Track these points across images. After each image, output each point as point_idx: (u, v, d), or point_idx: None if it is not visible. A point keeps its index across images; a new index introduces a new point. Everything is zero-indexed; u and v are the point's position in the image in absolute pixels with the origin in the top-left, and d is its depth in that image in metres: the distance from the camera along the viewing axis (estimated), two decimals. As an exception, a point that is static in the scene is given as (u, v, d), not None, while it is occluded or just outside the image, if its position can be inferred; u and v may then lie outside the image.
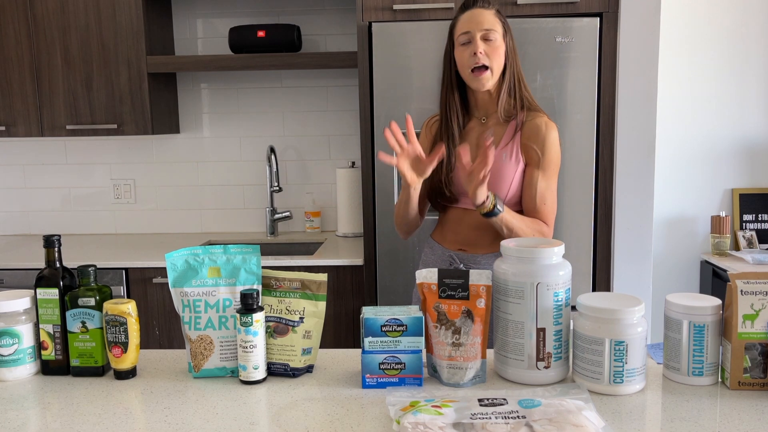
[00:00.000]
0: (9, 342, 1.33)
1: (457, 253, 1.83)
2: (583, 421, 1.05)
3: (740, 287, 1.22)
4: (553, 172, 1.77)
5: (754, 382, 1.23)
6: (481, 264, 1.80)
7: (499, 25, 1.73)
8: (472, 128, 1.82)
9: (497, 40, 1.72)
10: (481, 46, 1.70)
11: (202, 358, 1.33)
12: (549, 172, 1.76)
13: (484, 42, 1.71)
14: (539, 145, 1.74)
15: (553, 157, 1.76)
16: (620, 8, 2.46)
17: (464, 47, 1.73)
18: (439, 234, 1.89)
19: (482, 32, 1.71)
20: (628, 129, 2.51)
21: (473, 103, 1.82)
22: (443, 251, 1.86)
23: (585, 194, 2.53)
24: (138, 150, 3.32)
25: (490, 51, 1.71)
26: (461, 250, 1.83)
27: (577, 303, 1.26)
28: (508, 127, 1.78)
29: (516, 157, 1.75)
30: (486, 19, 1.72)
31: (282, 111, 3.27)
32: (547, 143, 1.75)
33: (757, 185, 3.20)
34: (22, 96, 2.95)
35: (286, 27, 2.95)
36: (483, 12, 1.73)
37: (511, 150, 1.75)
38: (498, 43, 1.72)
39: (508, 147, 1.75)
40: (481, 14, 1.73)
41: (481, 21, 1.72)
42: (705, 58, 3.13)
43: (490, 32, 1.71)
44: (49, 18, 2.90)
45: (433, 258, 1.89)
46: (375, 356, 1.26)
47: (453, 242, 1.84)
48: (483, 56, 1.70)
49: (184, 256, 1.35)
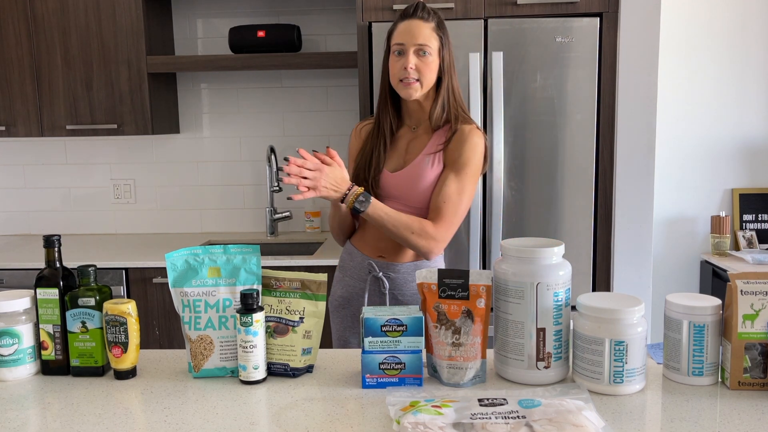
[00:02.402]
0: (9, 342, 1.33)
1: (376, 261, 1.81)
2: (583, 421, 1.05)
3: (740, 287, 1.22)
4: (467, 175, 1.74)
5: (754, 382, 1.23)
6: (400, 272, 1.81)
7: (435, 40, 1.72)
8: (402, 135, 1.82)
9: (431, 55, 1.71)
10: (412, 61, 1.69)
11: (202, 358, 1.33)
12: (462, 175, 1.73)
13: (416, 56, 1.70)
14: (458, 147, 1.74)
15: (471, 161, 1.73)
16: (620, 8, 2.46)
17: (397, 57, 1.73)
18: (360, 239, 1.87)
19: (415, 47, 1.70)
20: (628, 129, 2.51)
21: (405, 111, 1.82)
22: (362, 258, 1.84)
23: (585, 194, 2.53)
24: (138, 150, 3.32)
25: (421, 66, 1.70)
26: (381, 258, 1.82)
27: (577, 303, 1.26)
28: (435, 136, 1.78)
29: (439, 163, 1.76)
30: (422, 33, 1.70)
31: (282, 111, 3.27)
32: (467, 145, 1.73)
33: (757, 185, 3.20)
34: (22, 96, 2.95)
35: (286, 27, 2.95)
36: (421, 24, 1.71)
37: (434, 157, 1.76)
38: (431, 58, 1.71)
39: (432, 153, 1.76)
40: (418, 27, 1.71)
41: (416, 35, 1.70)
42: (705, 58, 3.13)
43: (424, 47, 1.70)
44: (49, 18, 2.90)
45: (352, 265, 1.87)
46: (375, 356, 1.26)
47: (373, 249, 1.83)
48: (413, 71, 1.70)
49: (184, 256, 1.35)
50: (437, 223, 1.72)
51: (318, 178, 1.57)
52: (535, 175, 2.53)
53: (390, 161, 1.81)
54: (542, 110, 2.49)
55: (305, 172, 1.56)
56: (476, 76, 2.45)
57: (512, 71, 2.48)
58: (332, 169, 1.60)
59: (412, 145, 1.81)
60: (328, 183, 1.59)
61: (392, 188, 1.78)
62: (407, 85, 1.71)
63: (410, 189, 1.76)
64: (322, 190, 1.59)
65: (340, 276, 1.91)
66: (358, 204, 1.65)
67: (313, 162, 1.58)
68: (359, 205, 1.65)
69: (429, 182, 1.75)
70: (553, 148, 2.51)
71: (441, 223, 1.72)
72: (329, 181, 1.59)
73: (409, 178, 1.76)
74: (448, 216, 1.72)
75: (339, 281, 1.91)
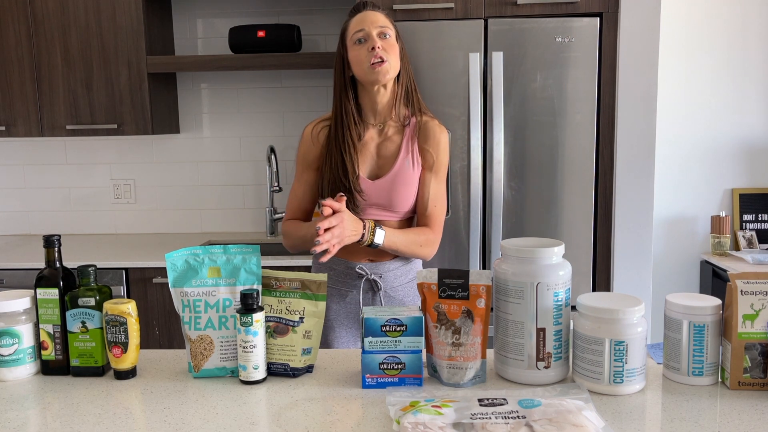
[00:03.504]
0: (9, 342, 1.33)
1: (366, 264, 1.81)
2: (583, 421, 1.05)
3: (740, 287, 1.22)
4: (443, 175, 1.81)
5: (754, 382, 1.23)
6: (390, 270, 1.81)
7: (392, 26, 1.73)
8: (370, 138, 1.78)
9: (392, 38, 1.71)
10: (378, 41, 1.68)
11: (202, 358, 1.33)
12: (440, 176, 1.79)
13: (380, 39, 1.69)
14: (434, 148, 1.77)
15: (444, 160, 1.80)
16: (620, 8, 2.46)
17: (360, 46, 1.70)
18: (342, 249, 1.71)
19: (378, 29, 1.70)
20: (628, 129, 2.51)
21: (369, 108, 1.77)
22: (346, 265, 1.80)
23: (585, 194, 2.53)
24: (138, 150, 3.32)
25: (387, 47, 1.69)
26: (370, 261, 1.81)
27: (577, 303, 1.26)
28: (405, 133, 1.77)
29: (417, 162, 1.77)
30: (379, 18, 1.72)
31: (282, 111, 3.27)
32: (441, 147, 1.78)
33: (757, 185, 3.20)
34: (22, 96, 2.95)
35: (286, 27, 2.95)
36: (375, 13, 1.73)
37: (412, 156, 1.76)
38: (393, 41, 1.71)
39: (410, 153, 1.76)
40: (374, 15, 1.73)
41: (375, 20, 1.71)
42: (705, 58, 3.13)
43: (385, 29, 1.71)
44: (49, 18, 2.90)
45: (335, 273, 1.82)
46: (375, 356, 1.26)
47: (360, 254, 1.79)
48: (381, 51, 1.67)
49: (184, 256, 1.35)
50: (433, 227, 1.79)
51: (342, 232, 1.59)
52: (535, 175, 2.53)
53: (362, 167, 1.76)
54: (542, 110, 2.49)
55: (334, 231, 1.57)
56: (476, 76, 2.45)
57: (512, 71, 2.48)
58: (347, 215, 1.61)
59: (384, 148, 1.77)
60: (348, 231, 1.61)
61: (375, 197, 1.75)
62: (378, 66, 1.66)
63: (396, 196, 1.75)
64: (346, 240, 1.61)
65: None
66: (377, 239, 1.67)
67: (336, 218, 1.57)
68: (377, 239, 1.67)
69: (413, 186, 1.77)
70: (553, 148, 2.51)
71: (436, 226, 1.79)
72: (349, 228, 1.61)
73: (394, 186, 1.74)
74: (440, 217, 1.80)
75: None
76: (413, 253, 1.76)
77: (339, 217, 1.58)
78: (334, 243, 1.57)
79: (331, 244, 1.57)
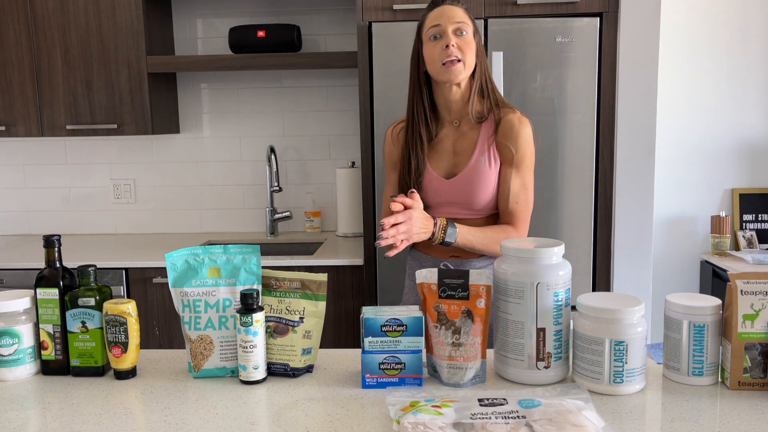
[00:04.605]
0: (9, 342, 1.33)
1: (451, 261, 1.77)
2: (583, 421, 1.05)
3: (740, 287, 1.22)
4: (527, 168, 1.73)
5: (754, 382, 1.23)
6: (476, 268, 1.76)
7: (470, 21, 1.69)
8: (445, 135, 1.75)
9: (469, 35, 1.67)
10: (453, 39, 1.64)
11: (202, 358, 1.33)
12: (522, 170, 1.72)
13: (455, 36, 1.65)
14: (512, 142, 1.70)
15: (527, 153, 1.72)
16: (620, 8, 2.46)
17: (434, 42, 1.66)
18: (425, 245, 1.79)
19: (454, 26, 1.65)
20: (628, 129, 2.51)
21: (443, 106, 1.74)
22: (434, 262, 1.78)
23: (585, 194, 2.53)
24: (138, 150, 3.32)
25: (462, 45, 1.65)
26: (455, 257, 1.77)
27: (577, 303, 1.26)
28: (482, 130, 1.72)
29: (495, 159, 1.72)
30: (457, 14, 1.67)
31: (282, 111, 3.27)
32: (521, 140, 1.70)
33: (757, 185, 3.20)
34: (22, 96, 2.95)
35: (286, 27, 2.95)
36: (453, 8, 1.68)
37: (489, 154, 1.71)
38: (470, 38, 1.67)
39: (486, 151, 1.71)
40: (451, 9, 1.68)
41: (452, 15, 1.66)
42: (705, 58, 3.13)
43: (462, 25, 1.66)
44: (49, 18, 2.90)
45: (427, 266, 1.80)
46: (375, 356, 1.26)
47: (444, 251, 1.77)
48: (455, 49, 1.63)
49: (184, 256, 1.35)
50: (516, 224, 1.72)
51: (410, 228, 1.57)
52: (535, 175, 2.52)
53: (438, 165, 1.74)
54: (542, 110, 2.49)
55: (401, 227, 1.55)
56: (476, 76, 2.45)
57: (512, 71, 2.48)
58: (418, 213, 1.59)
59: (460, 145, 1.74)
60: (417, 228, 1.59)
61: (451, 195, 1.72)
62: (451, 65, 1.63)
63: (472, 194, 1.71)
64: (415, 237, 1.58)
65: (411, 284, 1.86)
66: (448, 237, 1.64)
67: (403, 215, 1.56)
68: (449, 237, 1.64)
69: (491, 184, 1.71)
70: (552, 149, 2.51)
71: (520, 224, 1.73)
72: (418, 225, 1.59)
73: (469, 184, 1.71)
74: (523, 214, 1.74)
75: (412, 289, 1.86)
76: (493, 251, 1.70)
77: (407, 213, 1.56)
78: (401, 239, 1.56)
79: (397, 240, 1.55)
